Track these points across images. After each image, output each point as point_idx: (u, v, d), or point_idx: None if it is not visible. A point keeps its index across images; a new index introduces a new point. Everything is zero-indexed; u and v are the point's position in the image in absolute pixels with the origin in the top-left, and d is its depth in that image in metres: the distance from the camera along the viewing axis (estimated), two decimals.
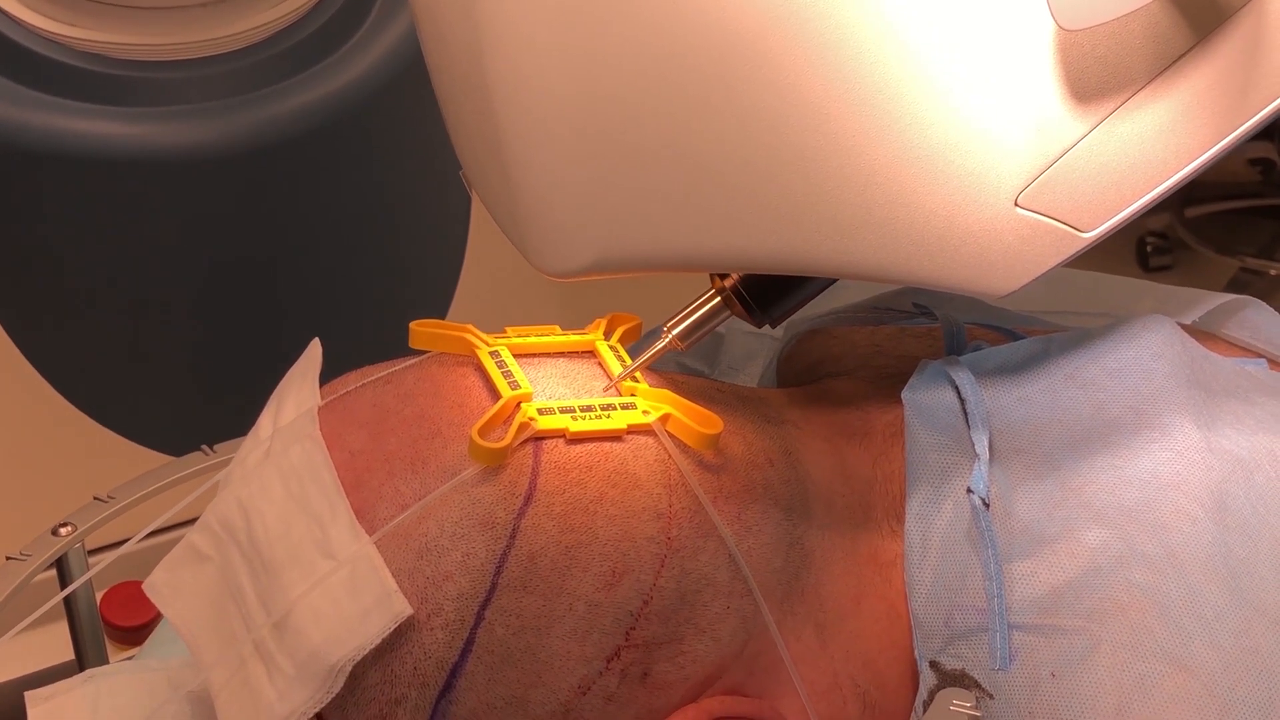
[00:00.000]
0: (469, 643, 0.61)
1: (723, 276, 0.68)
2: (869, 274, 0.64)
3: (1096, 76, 0.61)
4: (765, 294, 0.67)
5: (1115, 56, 0.61)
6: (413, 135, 1.14)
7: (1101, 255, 0.66)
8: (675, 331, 0.69)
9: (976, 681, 0.63)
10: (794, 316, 0.84)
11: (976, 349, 0.74)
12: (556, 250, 0.63)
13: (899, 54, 0.60)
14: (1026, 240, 0.62)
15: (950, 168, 0.61)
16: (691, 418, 0.65)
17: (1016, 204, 0.62)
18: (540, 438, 0.63)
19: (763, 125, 0.60)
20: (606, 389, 0.68)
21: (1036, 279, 0.63)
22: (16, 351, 1.15)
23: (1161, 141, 0.62)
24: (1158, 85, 0.61)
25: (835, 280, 0.67)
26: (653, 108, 0.60)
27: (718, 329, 0.92)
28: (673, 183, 0.61)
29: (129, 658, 1.11)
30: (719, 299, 0.68)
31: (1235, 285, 2.75)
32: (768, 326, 0.90)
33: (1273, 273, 2.76)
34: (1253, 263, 2.78)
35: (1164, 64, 0.61)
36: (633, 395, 0.67)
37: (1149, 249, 2.87)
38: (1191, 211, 2.90)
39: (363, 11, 1.11)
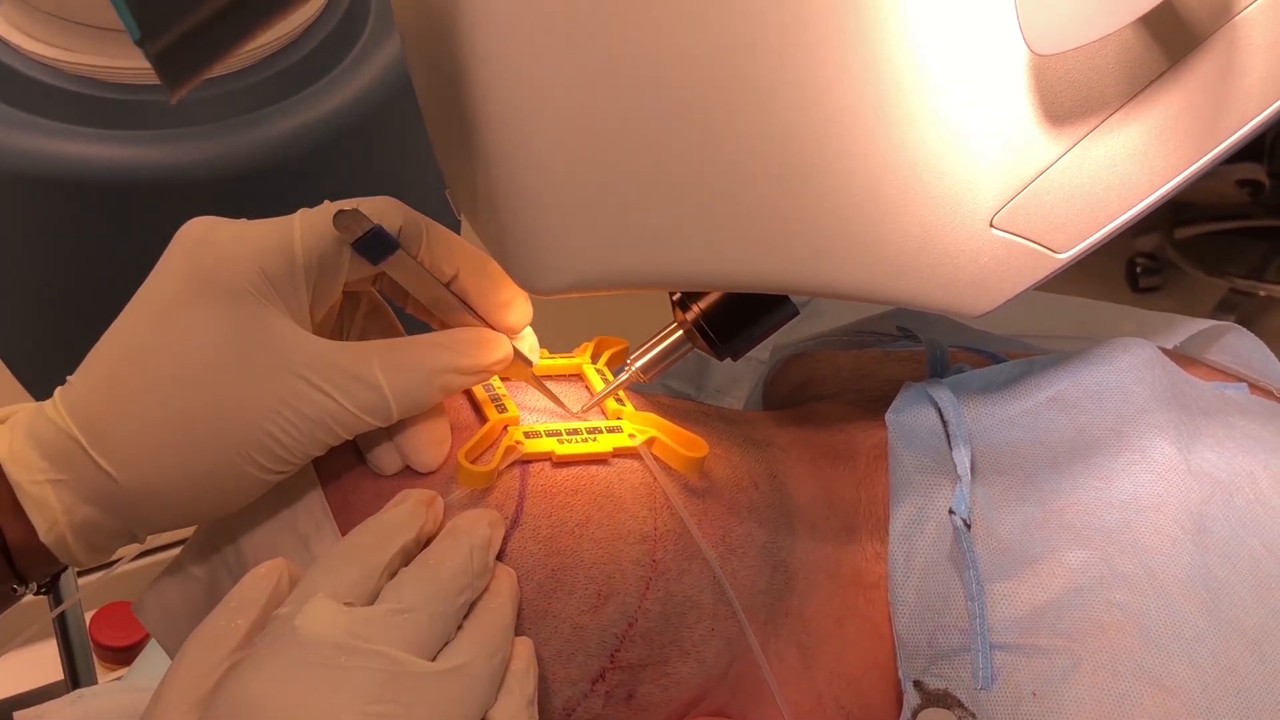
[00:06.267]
0: None
1: (685, 309, 0.68)
2: (846, 293, 0.64)
3: (1070, 100, 0.62)
4: (726, 327, 0.68)
5: (1088, 80, 0.62)
6: (404, 157, 1.15)
7: (1091, 276, 0.67)
8: (639, 364, 0.69)
9: (959, 701, 0.64)
10: (780, 341, 0.84)
11: (959, 372, 0.74)
12: (540, 268, 0.64)
13: (876, 76, 0.60)
14: (1002, 261, 0.63)
15: (926, 189, 0.62)
16: (676, 441, 0.66)
17: (992, 225, 0.62)
18: (527, 461, 0.64)
19: (743, 146, 0.61)
20: (583, 409, 0.68)
21: (1012, 299, 0.64)
22: (9, 375, 1.15)
23: (1135, 164, 0.62)
24: (1131, 109, 0.62)
25: (796, 314, 0.68)
26: (635, 127, 0.60)
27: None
28: (655, 202, 0.62)
29: (118, 678, 1.11)
30: (681, 332, 0.69)
31: (1225, 306, 2.76)
32: (755, 349, 0.91)
33: (1262, 294, 2.76)
34: (1242, 284, 2.79)
35: (1137, 88, 0.62)
36: (619, 419, 0.67)
37: (1139, 270, 2.88)
38: (1181, 233, 2.91)
39: (353, 36, 1.11)
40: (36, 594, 0.65)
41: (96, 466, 0.58)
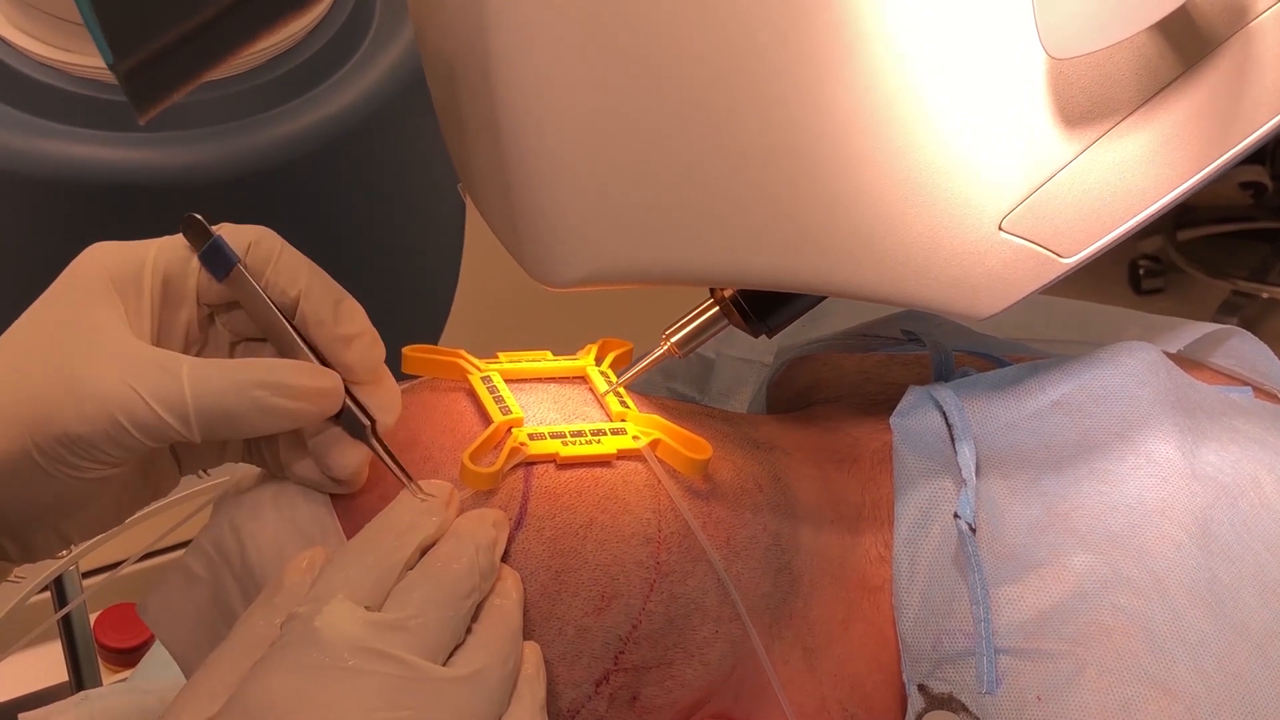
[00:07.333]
0: None
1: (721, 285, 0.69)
2: (855, 293, 0.64)
3: (1083, 104, 0.62)
4: (762, 304, 0.68)
5: (1102, 85, 0.62)
6: (410, 158, 1.15)
7: (1094, 278, 0.67)
8: (674, 339, 0.69)
9: (964, 705, 0.64)
10: (784, 344, 0.84)
11: (964, 375, 0.74)
12: (554, 261, 0.64)
13: (889, 79, 0.61)
14: (1009, 264, 0.63)
15: (937, 191, 0.62)
16: (681, 443, 0.66)
17: (1000, 228, 0.63)
18: (531, 462, 0.64)
19: (755, 145, 0.61)
20: (603, 394, 0.69)
21: (1016, 303, 0.64)
22: None
23: (1143, 170, 0.62)
24: (1142, 114, 0.62)
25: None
26: (651, 125, 0.61)
27: (708, 355, 0.94)
28: (668, 198, 0.62)
29: (123, 679, 1.12)
30: (717, 308, 0.69)
31: (1227, 308, 2.76)
32: (757, 353, 0.91)
33: (1265, 296, 2.77)
34: (1244, 286, 2.79)
35: (1149, 94, 0.62)
36: (623, 420, 0.68)
37: (1141, 272, 2.89)
38: (1184, 235, 2.91)
39: (358, 38, 1.11)
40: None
41: None
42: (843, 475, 0.72)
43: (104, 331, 0.58)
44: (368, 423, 0.61)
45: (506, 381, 0.68)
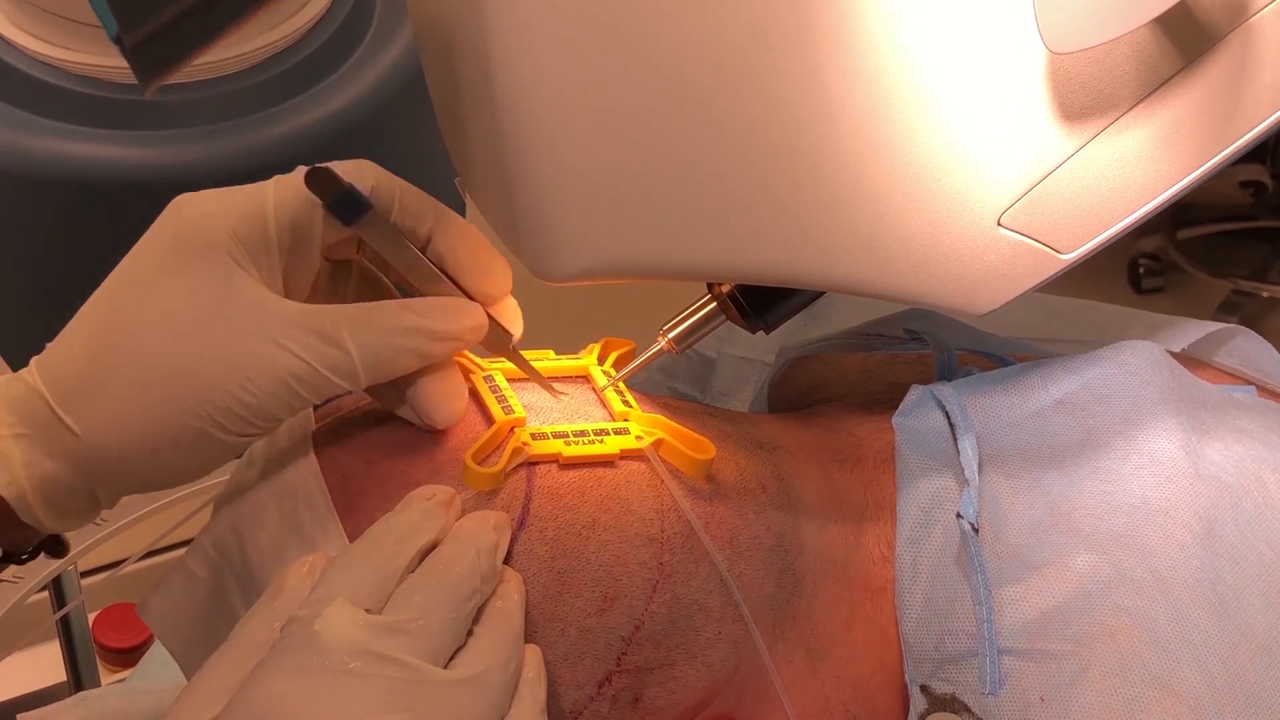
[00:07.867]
0: None
1: (719, 281, 0.68)
2: (853, 288, 0.64)
3: (1082, 100, 0.62)
4: (760, 300, 0.68)
5: (1101, 81, 0.61)
6: (409, 156, 1.15)
7: (1093, 277, 0.67)
8: (671, 335, 0.69)
9: (966, 706, 0.63)
10: (786, 343, 0.84)
11: (967, 374, 0.74)
12: (553, 255, 0.64)
13: (889, 74, 0.60)
14: (1007, 260, 0.63)
15: (936, 187, 0.62)
16: (684, 443, 0.65)
17: (999, 224, 0.62)
18: (534, 462, 0.64)
19: (758, 140, 0.61)
20: (602, 389, 0.68)
21: (1015, 299, 0.64)
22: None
23: (1142, 166, 0.62)
24: (1141, 110, 0.62)
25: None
26: (654, 119, 0.61)
27: (709, 354, 0.93)
28: (669, 193, 0.62)
29: (122, 680, 1.11)
30: (715, 304, 0.69)
31: (1227, 307, 2.76)
32: (759, 351, 0.91)
33: (1265, 295, 2.76)
34: (1245, 285, 2.79)
35: (1149, 89, 0.62)
36: (626, 420, 0.67)
37: (1141, 270, 2.89)
38: (1184, 233, 2.91)
39: (358, 36, 1.11)
40: (20, 562, 0.64)
41: (59, 422, 0.58)
42: (845, 475, 0.72)
43: (255, 298, 0.59)
44: (513, 335, 0.65)
45: (509, 380, 0.68)
